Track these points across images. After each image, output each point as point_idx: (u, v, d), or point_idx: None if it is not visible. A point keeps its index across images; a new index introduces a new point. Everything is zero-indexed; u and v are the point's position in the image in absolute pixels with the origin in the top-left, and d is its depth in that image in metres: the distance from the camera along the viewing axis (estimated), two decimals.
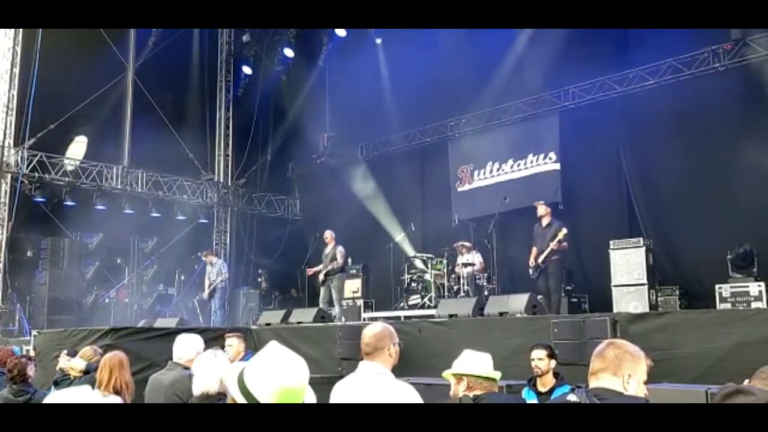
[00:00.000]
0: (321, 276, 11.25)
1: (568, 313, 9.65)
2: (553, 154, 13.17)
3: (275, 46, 17.21)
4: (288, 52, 16.90)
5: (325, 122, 16.97)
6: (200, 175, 17.37)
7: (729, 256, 9.79)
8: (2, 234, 13.75)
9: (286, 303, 15.33)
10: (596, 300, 10.90)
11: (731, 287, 9.41)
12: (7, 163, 14.00)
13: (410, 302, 12.29)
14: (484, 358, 3.49)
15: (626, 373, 2.35)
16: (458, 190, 14.80)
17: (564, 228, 9.29)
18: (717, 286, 9.52)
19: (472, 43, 13.22)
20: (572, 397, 2.32)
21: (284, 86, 17.91)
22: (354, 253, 12.94)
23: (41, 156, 14.46)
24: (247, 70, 17.99)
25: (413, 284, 12.53)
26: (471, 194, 14.47)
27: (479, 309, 8.01)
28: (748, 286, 9.29)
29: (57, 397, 3.64)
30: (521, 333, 6.88)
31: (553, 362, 5.24)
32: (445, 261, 12.21)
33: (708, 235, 10.74)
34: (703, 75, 11.33)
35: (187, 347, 4.29)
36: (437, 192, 15.29)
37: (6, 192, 13.98)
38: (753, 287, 9.24)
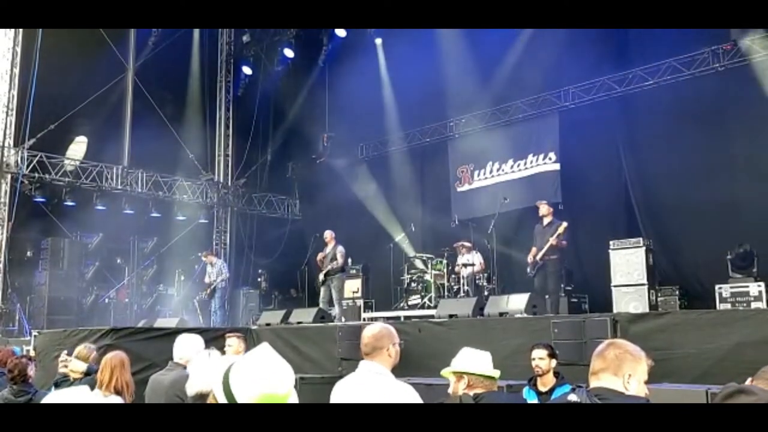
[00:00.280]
0: (321, 276, 11.26)
1: (568, 313, 9.64)
2: (553, 154, 13.17)
3: (275, 46, 17.20)
4: (288, 52, 16.88)
5: (325, 122, 16.97)
6: (200, 175, 17.36)
7: (729, 256, 9.77)
8: (2, 234, 13.75)
9: (286, 303, 15.32)
10: (596, 300, 10.91)
11: (731, 287, 9.39)
12: (7, 163, 13.99)
13: (410, 302, 12.28)
14: (484, 356, 3.48)
15: (627, 373, 2.35)
16: (458, 190, 14.80)
17: (564, 222, 9.28)
18: (717, 287, 9.50)
19: (472, 43, 13.24)
20: (573, 397, 2.32)
21: (284, 86, 17.90)
22: (354, 253, 12.93)
23: (41, 156, 14.46)
24: (247, 70, 17.97)
25: (413, 284, 12.53)
26: (471, 194, 14.47)
27: (479, 309, 8.01)
28: (748, 287, 9.27)
29: (55, 397, 3.62)
30: (521, 333, 6.87)
31: (553, 362, 5.24)
32: (445, 261, 12.20)
33: (708, 235, 10.74)
34: (703, 75, 11.33)
35: (187, 347, 4.29)
36: (437, 192, 15.29)
37: (6, 192, 13.98)
38: (753, 287, 9.22)
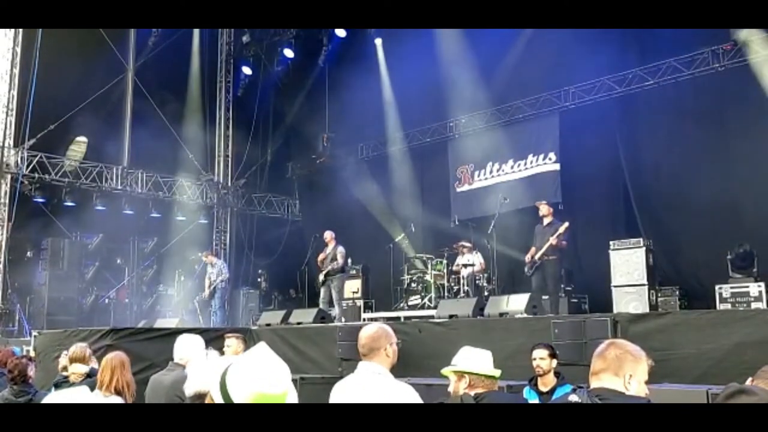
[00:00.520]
0: (321, 276, 11.25)
1: (568, 313, 9.64)
2: (553, 155, 13.16)
3: (275, 46, 17.19)
4: (288, 53, 16.87)
5: (325, 122, 16.95)
6: (200, 176, 17.36)
7: (729, 257, 9.76)
8: (2, 234, 13.75)
9: (286, 303, 15.33)
10: (596, 300, 10.90)
11: (731, 287, 9.39)
12: (7, 163, 13.99)
13: (410, 303, 12.28)
14: (485, 355, 3.47)
15: (627, 373, 2.36)
16: (458, 190, 14.79)
17: (566, 222, 9.27)
18: (717, 287, 9.50)
19: (472, 43, 13.22)
20: (574, 398, 2.33)
21: (284, 86, 17.90)
22: (354, 253, 12.92)
23: (41, 156, 14.46)
24: (247, 70, 17.96)
25: (413, 285, 12.52)
26: (471, 194, 14.46)
27: (479, 309, 8.00)
28: (748, 287, 9.27)
29: (55, 397, 3.62)
30: (521, 333, 6.87)
31: (554, 362, 5.24)
32: (445, 261, 12.20)
33: (708, 235, 10.74)
34: (703, 75, 11.31)
35: (187, 348, 4.29)
36: (437, 192, 15.27)
37: (6, 192, 13.97)
38: (753, 287, 9.22)
